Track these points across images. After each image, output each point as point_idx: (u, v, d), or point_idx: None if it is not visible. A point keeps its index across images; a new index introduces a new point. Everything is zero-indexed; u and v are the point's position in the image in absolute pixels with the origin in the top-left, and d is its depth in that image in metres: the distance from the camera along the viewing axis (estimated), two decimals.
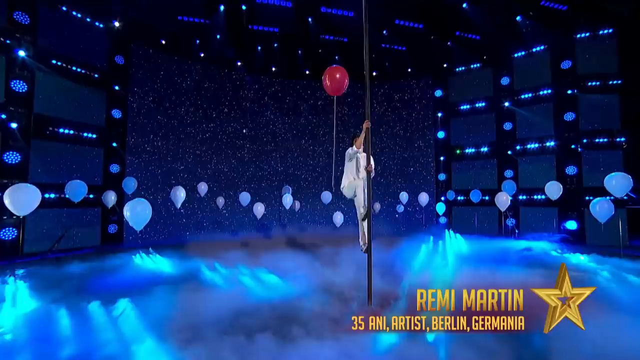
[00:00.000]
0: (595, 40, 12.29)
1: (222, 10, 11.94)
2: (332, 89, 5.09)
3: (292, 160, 16.08)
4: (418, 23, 13.18)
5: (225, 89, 15.14)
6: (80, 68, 10.62)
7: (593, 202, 7.41)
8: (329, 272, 7.39)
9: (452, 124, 15.70)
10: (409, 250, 10.23)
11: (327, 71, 5.09)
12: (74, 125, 10.36)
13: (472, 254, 9.82)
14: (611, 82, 12.07)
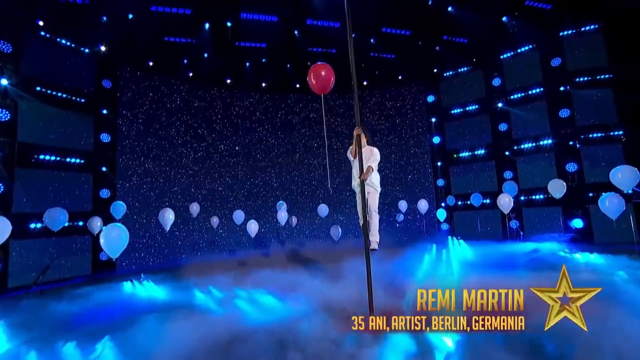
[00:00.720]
0: (581, 36, 12.27)
1: (207, 29, 11.83)
2: (318, 87, 4.83)
3: (287, 175, 15.76)
4: (405, 30, 13.12)
5: (216, 107, 14.97)
6: (66, 94, 10.42)
7: (602, 197, 7.10)
8: (329, 288, 6.98)
9: (447, 129, 15.50)
10: (412, 260, 9.84)
11: (312, 69, 4.83)
12: (60, 152, 10.08)
13: (478, 260, 9.42)
14: (602, 77, 11.95)
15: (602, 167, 11.64)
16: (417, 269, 9.06)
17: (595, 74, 12.01)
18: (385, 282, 7.29)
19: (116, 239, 6.19)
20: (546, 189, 12.33)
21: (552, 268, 8.05)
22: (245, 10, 11.72)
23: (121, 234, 6.29)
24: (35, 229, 9.13)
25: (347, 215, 15.25)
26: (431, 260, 10.02)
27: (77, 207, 9.51)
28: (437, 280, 8.05)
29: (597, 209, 11.43)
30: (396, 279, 7.77)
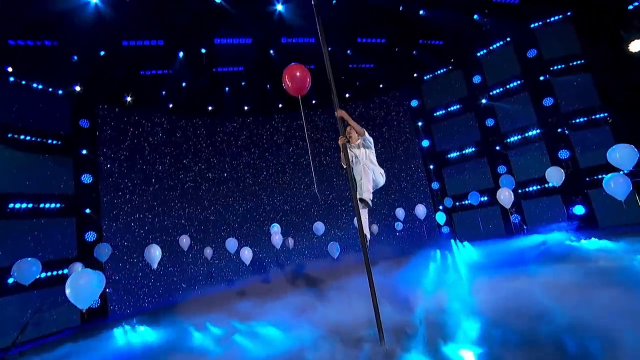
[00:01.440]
0: (552, 26, 12.39)
1: (182, 58, 11.61)
2: (294, 89, 4.60)
3: (278, 196, 15.31)
4: (380, 38, 13.09)
5: (200, 136, 14.63)
6: (41, 137, 10.02)
7: (606, 179, 6.79)
8: (335, 311, 6.45)
9: (435, 131, 15.34)
10: (417, 269, 9.36)
11: (286, 71, 4.60)
12: (37, 198, 9.55)
13: (486, 261, 8.99)
14: (578, 63, 11.98)
15: (594, 151, 11.50)
16: (423, 278, 8.59)
17: (571, 60, 12.07)
18: (392, 296, 6.80)
19: (85, 287, 5.35)
20: (542, 179, 12.10)
21: (563, 259, 7.66)
22: (219, 36, 11.56)
23: (90, 280, 5.49)
24: (13, 283, 8.47)
25: (344, 229, 14.77)
26: (437, 267, 9.56)
27: (60, 254, 8.92)
28: (446, 289, 7.56)
29: (597, 194, 11.25)
30: (403, 292, 7.29)
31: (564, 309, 4.62)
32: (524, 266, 7.54)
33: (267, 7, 10.50)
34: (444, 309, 6.28)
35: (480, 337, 4.81)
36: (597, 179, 11.19)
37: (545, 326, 4.23)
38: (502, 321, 4.84)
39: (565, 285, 5.52)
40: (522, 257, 8.28)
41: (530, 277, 6.62)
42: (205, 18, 10.62)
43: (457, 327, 5.38)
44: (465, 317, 5.75)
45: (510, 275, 7.13)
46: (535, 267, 7.27)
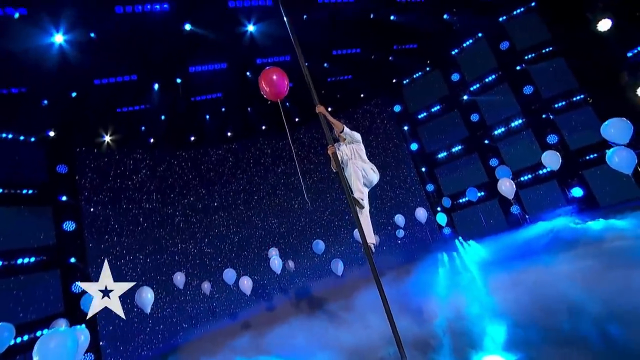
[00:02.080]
0: (519, 17, 12.61)
1: (157, 90, 11.31)
2: (273, 94, 4.32)
3: (273, 219, 14.80)
4: (355, 48, 13.08)
5: (185, 168, 14.18)
6: (14, 189, 9.42)
7: (609, 154, 6.60)
8: (348, 333, 5.94)
9: (421, 133, 15.25)
10: (427, 276, 8.95)
11: (262, 76, 4.32)
12: (13, 254, 8.85)
13: (496, 257, 8.65)
14: (550, 49, 12.15)
15: (581, 132, 11.51)
16: (435, 284, 8.17)
17: (543, 48, 12.26)
18: (406, 307, 6.36)
19: (56, 350, 4.43)
20: (535, 166, 12.04)
21: (576, 244, 7.36)
22: (193, 64, 11.35)
23: (64, 342, 4.61)
24: None
25: (345, 244, 14.29)
26: (447, 270, 9.17)
27: (44, 312, 8.19)
28: (462, 292, 7.14)
29: (592, 174, 11.16)
30: (417, 301, 6.85)
31: (597, 296, 4.26)
32: (537, 256, 7.23)
33: (238, 29, 10.36)
34: (465, 315, 5.86)
35: (513, 341, 4.39)
36: (590, 159, 11.14)
37: (584, 318, 3.84)
38: (532, 320, 4.45)
39: (588, 271, 5.18)
40: (532, 248, 7.98)
41: (547, 267, 6.28)
42: (177, 47, 10.40)
43: (484, 332, 4.96)
44: (491, 320, 5.34)
45: (525, 268, 6.79)
46: (549, 256, 6.96)
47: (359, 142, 4.36)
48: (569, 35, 11.70)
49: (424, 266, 9.84)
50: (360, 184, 4.20)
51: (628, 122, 6.85)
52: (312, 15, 10.98)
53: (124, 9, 8.62)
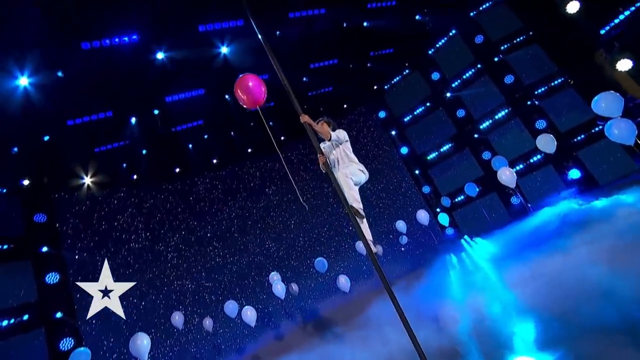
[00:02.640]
0: (489, 10, 12.86)
1: (134, 124, 11.00)
2: (250, 102, 4.23)
3: (270, 243, 14.32)
4: (332, 59, 13.09)
5: (173, 202, 13.70)
6: None
7: (607, 127, 6.48)
8: (366, 354, 5.52)
9: (410, 136, 15.22)
10: (438, 280, 8.59)
11: (237, 86, 4.22)
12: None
13: (507, 251, 8.35)
14: (523, 37, 12.36)
15: (568, 113, 11.60)
16: (449, 287, 7.81)
17: (517, 36, 12.48)
18: (424, 316, 5.97)
19: None
20: (529, 154, 12.02)
21: (586, 225, 7.12)
22: (169, 94, 11.13)
23: None
24: None
25: (349, 258, 13.85)
26: (458, 272, 8.83)
27: None
28: (478, 291, 6.80)
29: (586, 153, 11.14)
30: (434, 308, 6.47)
31: (629, 274, 3.98)
32: (550, 243, 6.96)
33: (212, 52, 10.23)
34: (488, 315, 5.51)
35: (548, 337, 4.04)
36: (582, 139, 11.15)
37: (622, 299, 3.54)
38: (564, 311, 4.12)
39: (611, 250, 4.92)
40: (543, 235, 7.72)
41: (565, 252, 6.00)
42: (151, 78, 10.16)
43: (513, 331, 4.60)
44: (517, 317, 5.00)
45: (541, 257, 6.51)
46: (563, 240, 6.70)
47: (347, 141, 4.39)
48: (540, 21, 11.94)
49: (433, 270, 9.49)
50: (355, 192, 4.17)
51: (617, 94, 6.80)
52: (285, 31, 10.96)
53: (90, 45, 8.39)
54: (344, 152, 4.34)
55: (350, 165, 4.29)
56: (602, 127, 10.78)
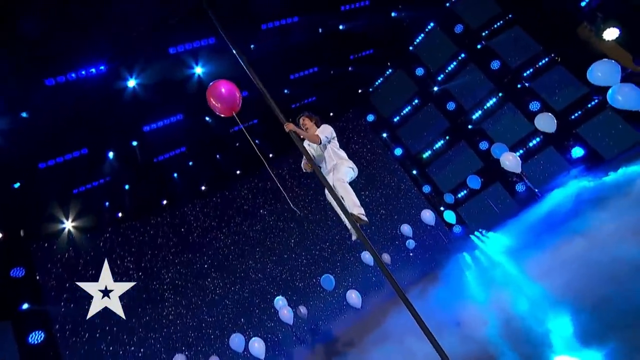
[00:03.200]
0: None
1: (113, 158, 10.63)
2: (225, 109, 4.08)
3: (272, 266, 13.82)
4: (311, 68, 12.98)
5: (163, 236, 13.21)
6: None
7: (610, 94, 6.26)
8: None
9: (402, 136, 15.05)
10: (454, 282, 8.19)
11: (209, 94, 4.09)
12: None
13: (523, 240, 8.00)
14: (502, 22, 12.39)
15: (561, 91, 11.55)
16: (467, 288, 7.41)
17: (496, 21, 12.49)
18: (447, 322, 5.56)
19: None
20: (527, 137, 11.87)
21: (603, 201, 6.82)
22: (146, 123, 10.84)
23: None
24: None
25: (356, 272, 13.39)
26: (474, 270, 8.44)
27: None
28: (501, 289, 6.42)
29: (587, 130, 10.99)
30: (457, 312, 6.06)
31: None
32: (569, 225, 6.63)
33: (186, 74, 10.01)
34: (517, 314, 5.11)
35: (591, 330, 3.66)
36: (579, 115, 11.03)
37: None
38: (604, 298, 3.76)
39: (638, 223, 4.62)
40: (559, 218, 7.41)
41: (589, 232, 5.65)
42: (125, 108, 9.88)
43: (549, 328, 4.21)
44: (551, 312, 4.61)
45: (563, 241, 6.16)
46: (582, 221, 6.37)
47: (334, 138, 4.39)
48: (517, 2, 12.01)
49: (447, 272, 9.09)
50: (354, 196, 4.11)
51: (612, 61, 6.64)
52: (260, 43, 10.83)
53: (55, 81, 8.08)
54: (332, 150, 4.29)
55: (341, 166, 4.20)
56: (597, 101, 10.75)
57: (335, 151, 4.31)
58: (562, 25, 11.10)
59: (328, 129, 4.36)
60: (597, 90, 10.47)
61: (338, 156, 4.28)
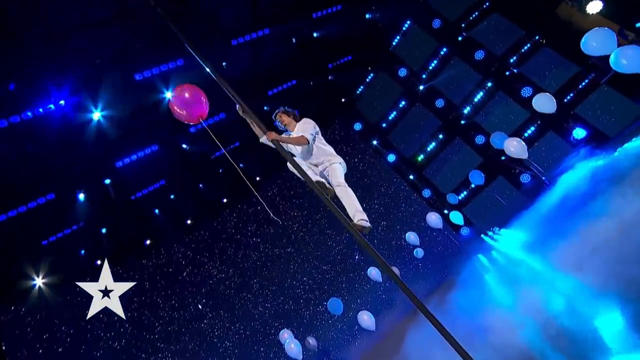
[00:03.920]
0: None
1: (84, 201, 10.05)
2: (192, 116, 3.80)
3: (273, 296, 13.22)
4: (290, 81, 12.81)
5: (149, 280, 12.52)
6: None
7: (612, 58, 6.04)
8: None
9: (394, 141, 14.81)
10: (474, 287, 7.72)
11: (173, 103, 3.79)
12: None
13: (542, 233, 7.61)
14: (479, 12, 12.43)
15: (552, 73, 11.49)
16: (490, 292, 6.94)
17: (473, 10, 12.52)
18: (476, 331, 5.08)
19: None
20: (524, 126, 11.77)
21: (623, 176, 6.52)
22: (118, 157, 10.36)
23: None
24: None
25: (365, 292, 12.82)
26: (494, 272, 7.98)
27: None
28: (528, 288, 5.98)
29: (585, 109, 10.87)
30: (484, 319, 5.58)
31: None
32: (590, 209, 6.26)
33: (155, 99, 9.64)
34: (555, 313, 4.65)
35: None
36: (576, 93, 10.93)
37: None
38: None
39: None
40: (578, 202, 7.05)
41: (614, 215, 5.28)
42: (93, 144, 9.42)
43: (596, 325, 3.78)
44: (593, 306, 4.18)
45: (587, 227, 5.77)
46: (603, 202, 6.01)
47: (318, 132, 4.31)
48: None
49: (465, 278, 8.63)
50: (357, 202, 4.03)
51: (605, 28, 6.49)
52: (232, 60, 10.63)
53: (8, 121, 7.62)
54: (318, 146, 4.24)
55: (334, 165, 4.16)
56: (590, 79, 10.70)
57: (322, 147, 4.26)
58: (541, 6, 11.17)
59: (310, 124, 4.27)
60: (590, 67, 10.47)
61: (325, 153, 4.24)
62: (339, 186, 4.02)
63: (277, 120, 4.66)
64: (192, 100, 3.73)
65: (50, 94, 8.09)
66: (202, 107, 3.80)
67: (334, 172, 4.12)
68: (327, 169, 4.17)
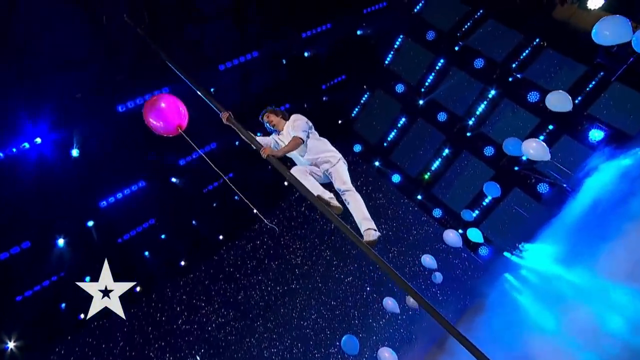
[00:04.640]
0: (429, 2, 13.11)
1: (63, 246, 9.53)
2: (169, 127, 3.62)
3: (279, 339, 12.59)
4: (282, 105, 12.66)
5: (141, 331, 11.90)
6: None
7: (635, 42, 5.77)
8: None
9: (397, 160, 14.49)
10: (508, 311, 7.09)
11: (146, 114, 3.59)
12: None
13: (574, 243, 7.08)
14: (474, 18, 12.52)
15: (558, 74, 11.36)
16: (529, 314, 6.31)
17: (467, 19, 12.61)
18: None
19: None
20: (535, 132, 11.49)
21: None
22: (101, 197, 9.98)
23: None
24: None
25: (381, 326, 12.04)
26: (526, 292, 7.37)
27: None
28: (577, 306, 5.42)
29: (599, 108, 10.63)
30: (525, 345, 4.98)
31: None
32: (629, 209, 5.79)
33: (141, 130, 9.36)
34: (615, 331, 4.08)
35: None
36: (586, 93, 10.72)
37: None
38: None
39: None
40: (612, 204, 6.57)
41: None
42: (73, 184, 9.07)
43: None
44: None
45: (631, 230, 5.28)
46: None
47: (312, 127, 4.23)
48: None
49: (493, 301, 8.00)
50: (365, 209, 3.93)
51: (617, 15, 6.31)
52: (220, 85, 10.55)
53: None
54: (314, 141, 4.14)
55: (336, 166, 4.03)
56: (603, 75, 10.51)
57: (318, 142, 4.18)
58: (537, 8, 11.25)
59: (301, 120, 4.16)
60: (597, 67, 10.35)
61: (323, 148, 4.14)
62: (347, 191, 3.91)
63: (264, 121, 4.51)
64: (169, 110, 3.57)
65: (25, 131, 7.85)
66: (181, 117, 3.63)
67: (339, 175, 3.99)
68: (329, 171, 4.02)
